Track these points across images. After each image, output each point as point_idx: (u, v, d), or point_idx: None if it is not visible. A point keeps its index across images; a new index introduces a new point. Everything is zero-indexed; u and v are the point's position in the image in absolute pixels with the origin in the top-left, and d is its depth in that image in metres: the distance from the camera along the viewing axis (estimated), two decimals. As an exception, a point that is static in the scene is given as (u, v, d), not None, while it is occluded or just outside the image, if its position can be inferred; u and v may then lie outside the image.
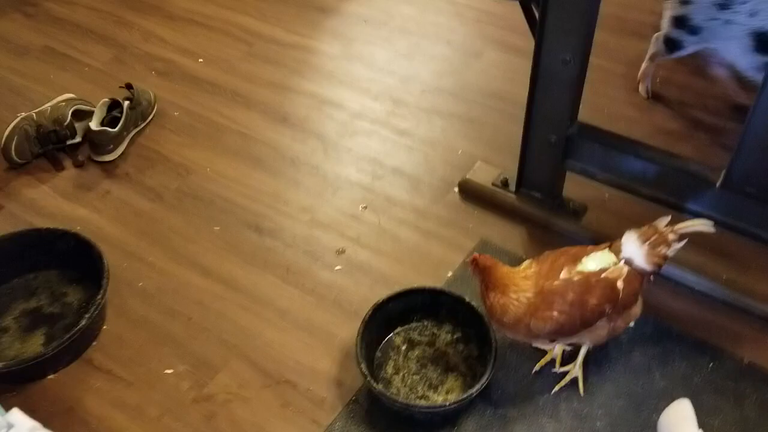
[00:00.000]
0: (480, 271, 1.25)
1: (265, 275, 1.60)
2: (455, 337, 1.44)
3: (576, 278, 1.23)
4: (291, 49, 2.24)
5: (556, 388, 1.36)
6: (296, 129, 1.97)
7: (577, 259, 1.25)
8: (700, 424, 1.19)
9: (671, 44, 1.83)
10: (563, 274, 1.23)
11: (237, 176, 1.84)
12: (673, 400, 1.24)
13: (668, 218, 1.30)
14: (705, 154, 1.61)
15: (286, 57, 2.21)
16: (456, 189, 1.78)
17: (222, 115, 2.01)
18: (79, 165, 1.88)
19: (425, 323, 1.47)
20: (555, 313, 1.20)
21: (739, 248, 1.56)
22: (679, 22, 1.76)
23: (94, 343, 1.48)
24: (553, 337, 1.25)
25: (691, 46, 1.80)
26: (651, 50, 1.94)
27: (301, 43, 2.27)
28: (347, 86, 2.10)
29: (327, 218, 1.73)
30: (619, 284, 1.23)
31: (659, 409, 1.26)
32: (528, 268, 1.26)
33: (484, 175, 1.77)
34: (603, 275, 1.24)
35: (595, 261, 1.25)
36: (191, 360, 1.45)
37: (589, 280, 1.23)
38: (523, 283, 1.22)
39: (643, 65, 1.99)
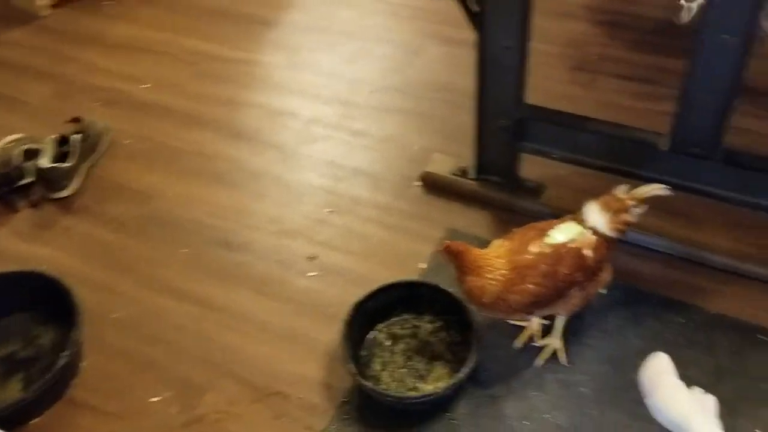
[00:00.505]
0: (453, 257, 1.28)
1: (240, 290, 1.61)
2: (437, 325, 1.47)
3: (546, 250, 1.27)
4: (237, 65, 2.24)
5: (540, 361, 1.40)
6: (252, 142, 1.97)
7: (544, 233, 1.30)
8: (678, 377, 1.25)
9: None
10: (534, 248, 1.27)
11: (199, 196, 1.83)
12: (650, 358, 1.29)
13: (626, 186, 1.36)
14: (650, 123, 1.67)
15: (233, 73, 2.21)
16: (417, 182, 1.81)
17: (176, 138, 2.00)
18: (34, 205, 1.84)
19: (405, 316, 1.49)
20: (530, 286, 1.24)
21: (692, 207, 1.63)
22: None
23: (75, 381, 1.46)
24: (530, 309, 1.29)
25: None
26: None
27: (246, 57, 2.27)
28: (297, 94, 2.12)
29: (295, 226, 1.74)
30: (587, 252, 1.28)
31: (638, 369, 1.31)
32: (499, 246, 1.30)
33: (442, 166, 1.80)
34: (571, 245, 1.28)
35: (562, 233, 1.30)
36: (177, 384, 1.44)
37: (559, 251, 1.27)
38: (496, 262, 1.26)
39: None
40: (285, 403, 1.40)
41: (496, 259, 1.26)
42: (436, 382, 1.38)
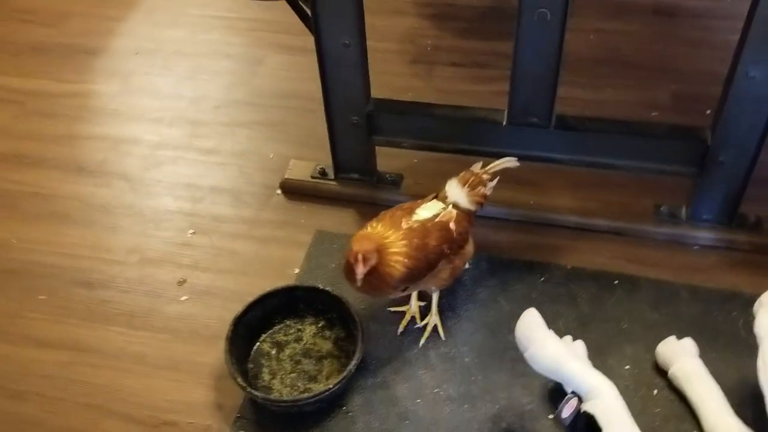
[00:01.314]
0: (371, 253, 1.25)
1: (109, 327, 1.52)
2: (319, 325, 1.48)
3: (415, 226, 1.33)
4: (67, 98, 2.12)
5: (422, 340, 1.45)
6: (96, 175, 1.88)
7: (411, 211, 1.36)
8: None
9: None
10: (404, 225, 1.32)
11: (48, 238, 1.71)
12: (521, 318, 1.38)
13: (481, 162, 1.45)
14: (488, 103, 1.78)
15: (63, 107, 2.09)
16: (278, 191, 1.81)
17: (10, 181, 1.86)
18: None
19: (287, 323, 1.48)
20: (405, 260, 1.29)
21: (536, 174, 1.76)
22: None
23: (-66, 459, 1.32)
24: (406, 284, 1.33)
25: None
26: None
27: (75, 89, 2.15)
28: (137, 120, 2.04)
29: (157, 254, 1.68)
30: (452, 225, 1.35)
31: (513, 330, 1.39)
32: (375, 228, 1.32)
33: (301, 171, 1.81)
34: (437, 219, 1.35)
35: (428, 210, 1.37)
36: (56, 436, 1.35)
37: (426, 226, 1.34)
38: (393, 236, 1.29)
39: None
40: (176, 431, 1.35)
41: (391, 233, 1.29)
42: (327, 380, 1.38)
